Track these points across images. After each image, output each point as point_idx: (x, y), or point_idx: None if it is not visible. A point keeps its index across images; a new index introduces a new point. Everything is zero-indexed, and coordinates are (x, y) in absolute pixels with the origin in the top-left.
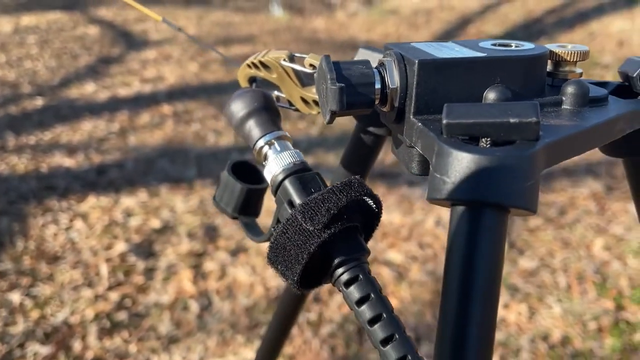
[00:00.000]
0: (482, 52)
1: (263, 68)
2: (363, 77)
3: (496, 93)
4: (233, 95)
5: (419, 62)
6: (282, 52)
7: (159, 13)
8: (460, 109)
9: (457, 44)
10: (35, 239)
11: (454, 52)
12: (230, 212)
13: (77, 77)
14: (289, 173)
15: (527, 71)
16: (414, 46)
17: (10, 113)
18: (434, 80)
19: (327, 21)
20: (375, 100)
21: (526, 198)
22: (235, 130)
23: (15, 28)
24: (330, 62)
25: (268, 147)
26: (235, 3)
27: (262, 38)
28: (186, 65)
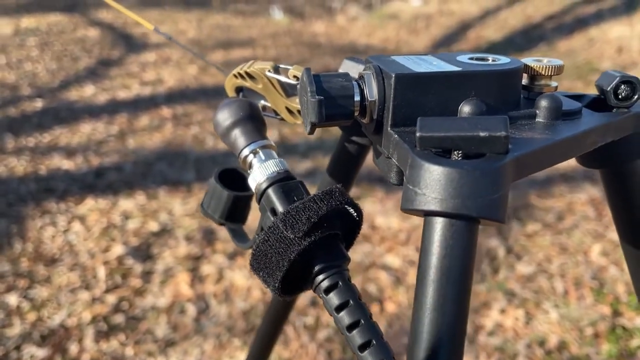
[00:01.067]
0: (458, 67)
1: (249, 78)
2: (342, 90)
3: (471, 106)
4: (220, 105)
5: (395, 76)
6: (267, 63)
7: (158, 16)
8: (433, 122)
9: (436, 57)
10: (33, 241)
11: (431, 66)
12: (217, 218)
13: (77, 79)
14: (272, 181)
15: (501, 85)
16: (393, 59)
17: (10, 115)
18: (410, 93)
19: (327, 25)
20: (354, 112)
21: (494, 209)
22: (222, 139)
23: (16, 30)
24: (310, 74)
25: (253, 156)
26: (235, 6)
27: (262, 42)
28: (186, 68)
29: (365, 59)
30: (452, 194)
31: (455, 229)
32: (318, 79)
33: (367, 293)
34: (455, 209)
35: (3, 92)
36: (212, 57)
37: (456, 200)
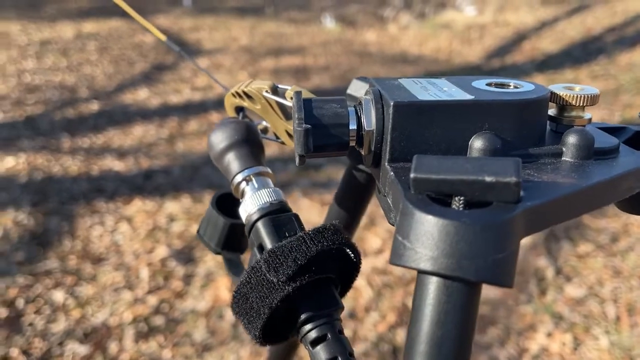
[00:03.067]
0: (471, 94)
1: (247, 98)
2: (335, 117)
3: (483, 142)
4: (215, 126)
5: (394, 104)
6: (265, 82)
7: (213, 22)
8: (431, 162)
9: (450, 81)
10: (82, 240)
11: (440, 93)
12: (213, 247)
13: (132, 83)
14: (263, 213)
15: (521, 117)
16: (399, 84)
17: (67, 116)
18: (411, 124)
19: (378, 34)
20: (349, 143)
21: (498, 273)
22: (215, 163)
23: (78, 34)
24: (300, 99)
25: (246, 184)
26: (288, 14)
27: (313, 50)
28: (236, 75)
29: (369, 81)
30: (447, 252)
31: (451, 292)
32: (309, 104)
33: (409, 309)
34: (450, 270)
35: (63, 93)
36: (263, 65)
37: (451, 260)
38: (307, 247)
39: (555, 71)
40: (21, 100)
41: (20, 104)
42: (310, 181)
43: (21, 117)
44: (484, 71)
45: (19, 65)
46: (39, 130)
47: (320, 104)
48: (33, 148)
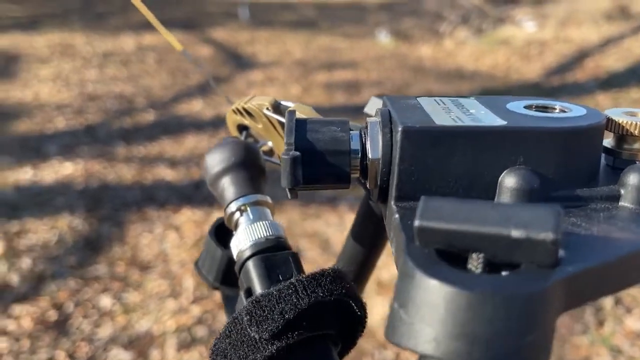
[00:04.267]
0: (503, 119)
1: (248, 116)
2: (333, 143)
3: (516, 179)
4: (212, 146)
5: (403, 129)
6: (267, 98)
7: (268, 35)
8: (443, 206)
9: (480, 101)
10: (131, 246)
11: (465, 117)
12: (211, 281)
13: (187, 94)
14: (256, 251)
15: (566, 149)
16: (415, 103)
17: (124, 125)
18: (425, 155)
19: (434, 49)
20: (350, 175)
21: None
22: (210, 188)
23: (138, 46)
24: (292, 119)
25: (240, 214)
26: (342, 29)
27: (366, 64)
28: (289, 88)
29: (382, 99)
30: (455, 332)
31: None
32: (302, 126)
33: None
34: (458, 356)
35: (121, 103)
36: (315, 78)
37: (460, 344)
38: (298, 297)
39: (620, 89)
40: (82, 108)
41: (81, 112)
42: (357, 196)
43: (81, 125)
44: (542, 89)
45: (82, 75)
46: (97, 138)
47: (317, 126)
48: (91, 155)
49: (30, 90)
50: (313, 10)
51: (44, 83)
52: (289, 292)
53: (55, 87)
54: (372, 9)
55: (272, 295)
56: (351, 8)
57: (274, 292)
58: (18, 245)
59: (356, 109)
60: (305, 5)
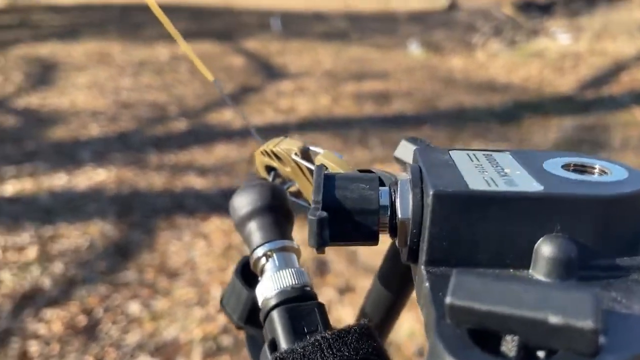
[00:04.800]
0: (540, 182)
1: (276, 159)
2: (361, 202)
3: (553, 248)
4: (239, 188)
5: (434, 194)
6: (296, 143)
7: (299, 46)
8: (476, 283)
9: (516, 158)
10: (160, 253)
11: (499, 178)
12: (235, 320)
13: (218, 104)
14: (281, 300)
15: (607, 216)
16: (448, 159)
17: (156, 133)
18: (457, 220)
19: (465, 61)
20: (378, 233)
21: None
22: (237, 230)
23: (172, 55)
24: (321, 175)
25: (265, 260)
26: (373, 40)
27: (397, 75)
28: (319, 98)
29: (414, 151)
30: None
31: None
32: (331, 183)
33: None
34: None
35: (154, 111)
36: (345, 89)
37: None
38: (324, 356)
39: None
40: (116, 116)
41: (115, 119)
42: None
43: (115, 133)
44: (576, 103)
45: (117, 83)
46: (130, 145)
47: (345, 183)
48: (123, 162)
49: (66, 97)
50: (344, 21)
51: (80, 90)
52: (314, 350)
53: (91, 94)
54: (403, 20)
55: (297, 353)
56: (382, 19)
57: (298, 349)
58: (51, 250)
59: (385, 120)
60: (337, 16)
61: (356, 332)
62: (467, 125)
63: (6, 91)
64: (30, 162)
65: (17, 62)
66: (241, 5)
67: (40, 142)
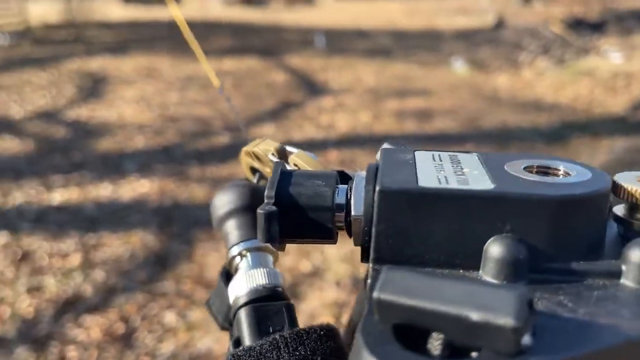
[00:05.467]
0: (494, 181)
1: (257, 159)
2: (316, 198)
3: (501, 249)
4: (221, 188)
5: (380, 190)
6: (273, 143)
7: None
8: (407, 279)
9: (480, 159)
10: (198, 265)
11: (454, 177)
12: (220, 321)
13: (260, 118)
14: (250, 299)
15: (560, 218)
16: (409, 158)
17: (199, 147)
18: (403, 217)
19: (511, 79)
20: (335, 231)
21: None
22: (216, 230)
23: (217, 71)
24: (278, 171)
25: (240, 259)
26: (416, 56)
27: (440, 93)
28: (360, 115)
29: (381, 149)
30: None
31: None
32: (287, 179)
33: None
34: None
35: (198, 125)
36: (386, 106)
37: None
38: (280, 355)
39: None
40: (162, 129)
41: (160, 132)
42: None
43: (159, 145)
44: (629, 124)
45: (164, 98)
46: (173, 157)
47: (302, 179)
48: (166, 174)
49: (115, 110)
50: (388, 38)
51: (128, 104)
52: (270, 349)
53: (138, 108)
54: (448, 37)
55: (253, 351)
56: (426, 36)
57: (256, 347)
58: (94, 258)
59: (427, 138)
60: (380, 34)
61: (316, 332)
62: (511, 145)
63: (58, 103)
64: (77, 172)
65: (69, 76)
66: (285, 23)
67: (87, 153)
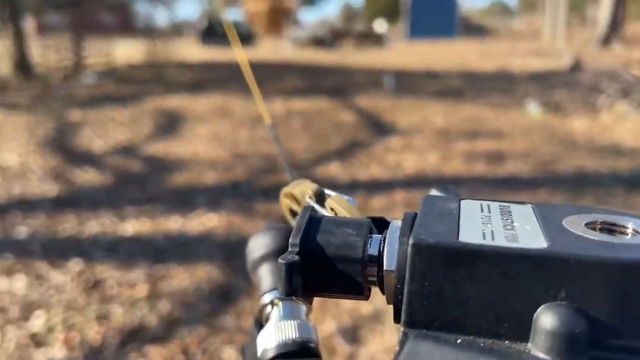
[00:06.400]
0: (548, 239)
1: (295, 202)
2: (344, 249)
3: (554, 320)
4: (258, 231)
5: (412, 244)
6: (311, 186)
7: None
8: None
9: (536, 211)
10: (257, 300)
11: (502, 231)
12: None
13: (326, 157)
14: (279, 353)
15: (626, 286)
16: (454, 207)
17: (265, 183)
18: (438, 277)
19: (588, 123)
20: (363, 286)
21: None
22: (250, 274)
23: (287, 110)
24: (306, 216)
25: (271, 307)
26: (488, 98)
27: (512, 135)
28: (428, 156)
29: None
30: None
31: None
32: (315, 226)
33: None
34: None
35: (266, 163)
36: (456, 147)
37: None
38: None
39: None
40: (231, 166)
41: (229, 169)
42: None
43: (228, 181)
44: None
45: (235, 135)
46: (240, 193)
47: (331, 227)
48: (233, 209)
49: (188, 146)
50: (458, 79)
51: (202, 141)
52: None
53: (211, 145)
54: (521, 79)
55: None
56: (499, 78)
57: None
58: (160, 289)
59: (498, 181)
60: (451, 75)
61: None
62: (588, 190)
63: (136, 139)
64: (150, 205)
65: (148, 113)
66: (354, 64)
67: (161, 186)
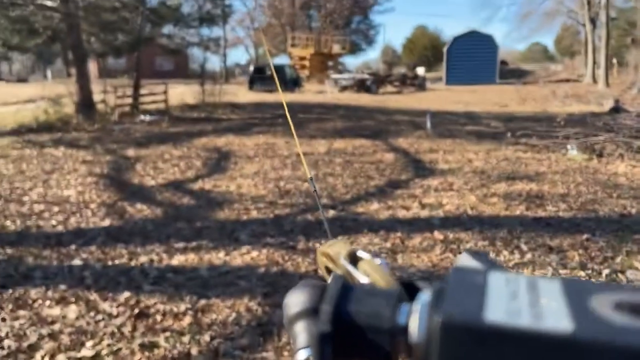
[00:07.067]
0: (574, 320)
1: (331, 260)
2: (375, 318)
3: None
4: (295, 285)
5: (443, 321)
6: (345, 246)
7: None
8: None
9: (564, 288)
10: (292, 354)
11: (527, 310)
12: None
13: (366, 195)
14: None
15: None
16: (482, 280)
17: (305, 220)
18: (466, 353)
19: (630, 166)
20: (394, 354)
21: None
22: (286, 329)
23: (328, 150)
24: (338, 285)
25: None
26: (528, 140)
27: (551, 177)
28: (466, 196)
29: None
30: None
31: None
32: (348, 294)
33: None
34: None
35: (306, 200)
36: (494, 189)
37: None
38: None
39: None
40: (274, 202)
41: (272, 205)
42: None
43: (271, 217)
44: None
45: (278, 173)
46: (282, 229)
47: (364, 296)
48: (274, 245)
49: (235, 183)
50: (498, 121)
51: (247, 178)
52: None
53: (255, 182)
54: (562, 122)
55: None
56: (539, 120)
57: None
58: (202, 321)
59: (537, 223)
60: (491, 117)
61: None
62: (631, 234)
63: (187, 175)
64: (196, 239)
65: (199, 151)
66: (395, 106)
67: (207, 221)
